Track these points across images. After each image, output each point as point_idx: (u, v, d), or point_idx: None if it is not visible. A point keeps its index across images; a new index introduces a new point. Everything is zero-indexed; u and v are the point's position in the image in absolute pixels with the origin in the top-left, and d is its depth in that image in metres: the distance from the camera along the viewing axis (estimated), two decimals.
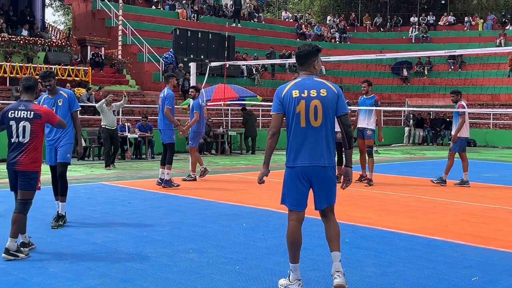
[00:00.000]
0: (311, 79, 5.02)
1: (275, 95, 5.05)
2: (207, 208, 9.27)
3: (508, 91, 30.17)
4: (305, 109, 4.89)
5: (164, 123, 11.54)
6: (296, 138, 4.95)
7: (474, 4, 43.96)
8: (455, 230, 7.69)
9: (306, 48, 5.11)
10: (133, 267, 5.71)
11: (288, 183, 5.03)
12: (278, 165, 17.20)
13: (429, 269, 5.80)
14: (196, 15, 32.09)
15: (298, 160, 4.94)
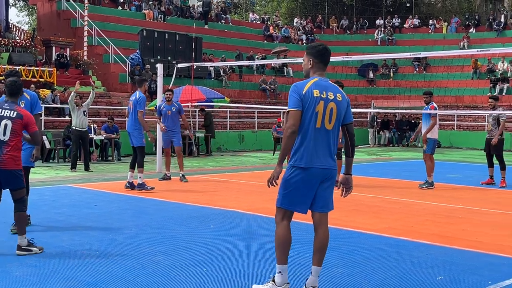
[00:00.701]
0: (327, 81, 4.95)
1: (294, 91, 4.82)
2: (174, 210, 9.23)
3: (472, 93, 30.71)
4: (323, 110, 4.79)
5: (134, 126, 11.45)
6: (309, 138, 4.80)
7: (438, 7, 44.65)
8: (420, 230, 7.80)
9: (329, 49, 5.03)
10: (99, 270, 5.65)
11: (296, 183, 4.84)
12: (253, 166, 17.27)
13: (395, 269, 5.86)
14: (163, 16, 31.90)
15: (310, 161, 4.80)
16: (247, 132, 25.15)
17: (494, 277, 5.61)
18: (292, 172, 4.85)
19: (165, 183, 12.61)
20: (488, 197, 11.22)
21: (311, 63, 4.99)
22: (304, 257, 6.04)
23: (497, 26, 36.04)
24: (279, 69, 32.70)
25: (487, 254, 6.54)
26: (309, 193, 4.88)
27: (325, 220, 5.01)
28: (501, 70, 31.72)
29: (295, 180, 4.84)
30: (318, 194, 4.91)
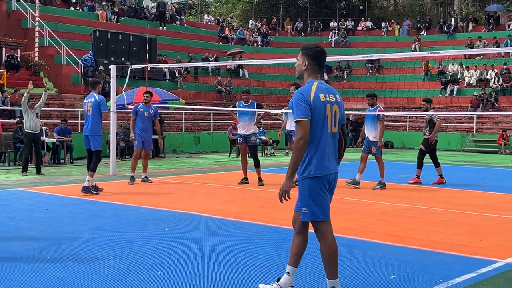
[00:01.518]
0: (324, 84, 4.85)
1: (301, 99, 4.62)
2: (128, 213, 9.12)
3: (423, 94, 31.29)
4: (331, 115, 4.69)
5: (93, 129, 11.29)
6: (323, 144, 4.65)
7: (390, 10, 45.37)
8: (374, 230, 7.90)
9: (324, 51, 4.89)
10: (52, 276, 5.53)
11: (319, 193, 4.70)
12: (208, 168, 17.22)
13: (350, 268, 5.92)
14: (116, 17, 31.52)
15: (326, 168, 4.67)
16: (202, 133, 25.06)
17: (445, 275, 5.72)
18: (313, 183, 4.68)
19: (119, 185, 12.44)
20: (438, 197, 11.45)
21: (306, 65, 4.84)
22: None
23: (448, 29, 36.88)
24: (235, 71, 32.71)
25: (438, 253, 6.66)
26: (328, 199, 4.80)
27: (331, 225, 4.90)
28: (452, 72, 32.45)
29: (313, 191, 4.70)
30: (329, 198, 4.86)
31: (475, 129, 27.81)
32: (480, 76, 31.05)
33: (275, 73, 34.39)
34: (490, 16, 36.89)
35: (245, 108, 12.99)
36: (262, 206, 10.00)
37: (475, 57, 33.08)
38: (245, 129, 12.94)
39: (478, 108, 28.05)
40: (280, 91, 32.76)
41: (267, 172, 15.09)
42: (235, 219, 8.60)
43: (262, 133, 22.63)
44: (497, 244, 7.13)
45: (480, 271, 5.86)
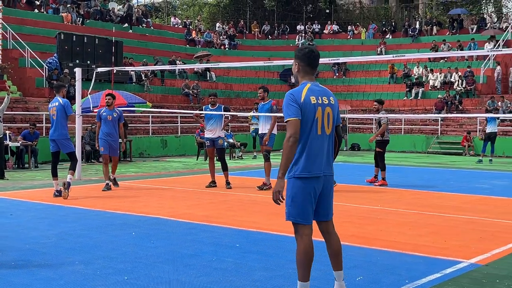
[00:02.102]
0: (318, 86, 4.83)
1: (291, 100, 4.64)
2: (94, 218, 9.02)
3: (389, 97, 31.69)
4: (322, 116, 4.69)
5: (61, 133, 11.16)
6: (312, 146, 4.66)
7: (356, 14, 45.81)
8: (340, 232, 7.87)
9: (317, 52, 4.90)
10: (16, 283, 5.44)
11: (302, 195, 4.66)
12: (176, 171, 17.12)
13: (317, 271, 5.94)
14: (81, 19, 31.17)
15: (314, 170, 4.66)
16: (170, 137, 24.93)
17: (411, 276, 5.80)
18: (298, 183, 4.67)
19: (84, 190, 12.29)
20: (404, 198, 11.59)
21: (297, 67, 4.85)
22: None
23: (412, 32, 37.39)
24: (202, 74, 32.64)
25: (404, 254, 6.75)
26: (313, 202, 4.73)
27: (332, 226, 4.94)
28: (417, 75, 32.91)
29: (298, 191, 4.67)
30: (322, 202, 4.79)
31: (439, 131, 28.24)
32: (444, 79, 31.55)
33: (243, 76, 34.39)
34: (454, 19, 37.55)
35: (212, 112, 12.98)
36: (229, 209, 10.00)
37: (440, 60, 33.60)
38: (213, 133, 12.92)
39: (442, 110, 28.50)
40: (247, 94, 32.78)
41: (235, 175, 15.09)
42: (202, 223, 8.58)
43: (230, 136, 22.63)
44: (461, 245, 7.26)
45: (445, 272, 5.95)
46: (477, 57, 32.67)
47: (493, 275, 5.86)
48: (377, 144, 13.80)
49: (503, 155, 24.81)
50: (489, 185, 14.07)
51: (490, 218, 9.25)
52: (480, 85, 30.96)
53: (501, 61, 31.38)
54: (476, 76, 31.00)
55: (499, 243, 7.34)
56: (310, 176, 4.65)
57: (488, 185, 13.96)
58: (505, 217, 9.37)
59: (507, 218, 9.23)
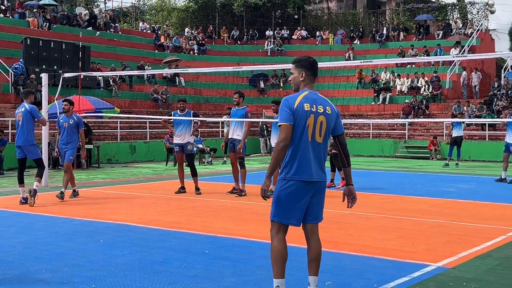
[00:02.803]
0: (316, 95, 5.03)
1: (285, 105, 4.89)
2: (62, 225, 8.90)
3: (357, 102, 31.97)
4: (313, 124, 4.88)
5: (26, 139, 10.98)
6: (301, 151, 4.87)
7: (324, 19, 46.11)
8: None
9: (316, 60, 5.13)
10: None
11: (286, 196, 4.89)
12: (145, 177, 16.98)
13: (287, 276, 5.95)
14: (48, 24, 30.79)
15: (303, 174, 4.87)
16: (138, 142, 24.75)
17: (380, 280, 5.85)
18: (284, 184, 4.90)
19: (51, 197, 12.10)
20: (372, 202, 11.69)
21: (303, 76, 5.06)
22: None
23: (380, 38, 37.81)
24: (171, 79, 32.50)
25: (373, 258, 6.80)
26: (301, 206, 4.93)
27: (316, 230, 5.11)
28: (384, 80, 33.26)
29: (288, 193, 4.89)
30: (311, 206, 4.99)
31: (407, 136, 28.58)
32: (411, 84, 31.96)
33: (212, 81, 34.35)
34: (420, 25, 38.07)
35: (181, 117, 12.93)
36: (199, 215, 9.96)
37: (406, 65, 34.04)
38: (182, 138, 12.87)
39: (409, 115, 28.85)
40: (217, 99, 32.75)
41: (204, 181, 15.04)
42: (172, 229, 8.53)
43: (199, 141, 22.56)
44: (428, 248, 7.34)
45: (413, 275, 6.02)
46: (443, 62, 33.19)
47: (460, 278, 5.94)
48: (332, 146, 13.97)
49: (469, 158, 25.22)
50: (455, 188, 14.28)
51: (457, 221, 9.39)
52: (446, 90, 31.45)
53: (466, 66, 31.91)
54: (442, 81, 31.49)
55: (466, 246, 7.45)
56: (298, 179, 4.87)
57: (454, 189, 14.17)
58: (471, 220, 9.52)
59: (473, 222, 9.38)
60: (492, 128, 26.52)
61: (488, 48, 36.09)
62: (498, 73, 35.55)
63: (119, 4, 46.90)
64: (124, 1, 66.96)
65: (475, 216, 10.04)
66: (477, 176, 18.23)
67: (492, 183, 15.60)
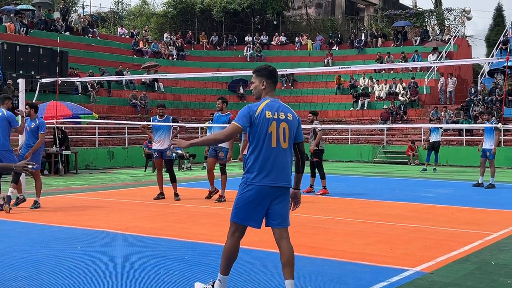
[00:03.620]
0: (278, 102, 5.20)
1: (246, 110, 5.07)
2: (39, 232, 8.79)
3: (335, 107, 32.14)
4: (276, 131, 5.05)
5: (2, 144, 10.82)
6: (265, 157, 5.03)
7: (303, 25, 46.30)
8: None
9: (275, 69, 5.29)
10: None
11: (248, 199, 5.04)
12: (123, 183, 16.87)
13: (265, 282, 5.96)
14: (25, 29, 30.51)
15: (266, 179, 5.01)
16: (117, 148, 24.60)
17: (358, 285, 5.87)
18: (244, 188, 5.07)
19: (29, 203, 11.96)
20: (351, 207, 11.75)
21: (264, 84, 5.23)
22: None
23: (358, 44, 38.07)
24: (150, 84, 32.37)
25: (351, 263, 6.82)
26: (260, 209, 5.08)
27: (286, 234, 5.19)
28: (363, 86, 33.47)
29: (247, 196, 5.04)
30: (274, 211, 5.11)
31: (385, 141, 28.78)
32: (390, 90, 32.21)
33: (191, 86, 34.31)
34: (398, 32, 38.40)
35: (160, 123, 12.87)
36: (178, 221, 9.92)
37: (382, 71, 34.28)
38: (161, 144, 12.81)
39: (388, 120, 29.05)
40: (196, 105, 32.69)
41: (183, 187, 14.99)
42: (150, 236, 8.48)
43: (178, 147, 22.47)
44: (407, 253, 7.39)
45: (391, 280, 6.04)
46: (421, 68, 33.53)
47: (438, 283, 5.98)
48: (313, 153, 14.05)
49: (447, 164, 25.46)
50: (433, 193, 14.40)
51: (435, 226, 9.46)
52: (423, 95, 31.75)
53: (444, 72, 32.25)
54: (420, 87, 31.78)
55: (444, 250, 7.51)
56: (259, 185, 5.01)
57: (432, 194, 14.28)
58: (449, 225, 9.59)
59: (451, 226, 9.45)
60: (469, 134, 26.81)
61: (465, 54, 36.54)
62: (475, 79, 36.00)
63: (97, 9, 46.67)
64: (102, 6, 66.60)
65: (453, 220, 10.12)
66: (454, 181, 18.40)
67: (470, 188, 15.76)
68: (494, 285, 5.94)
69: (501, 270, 6.57)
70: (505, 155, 24.45)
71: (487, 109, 25.27)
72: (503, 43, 33.99)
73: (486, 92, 29.20)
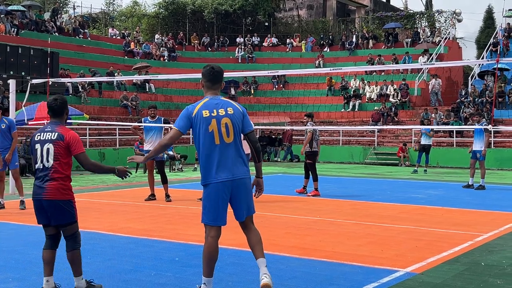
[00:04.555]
0: (218, 99, 5.30)
1: (184, 113, 5.23)
2: (30, 234, 8.76)
3: (327, 109, 32.18)
4: (218, 128, 5.14)
5: None
6: (211, 155, 5.15)
7: (295, 27, 46.36)
8: (281, 243, 8.00)
9: (218, 69, 5.41)
10: None
11: (209, 199, 5.18)
12: (114, 184, 16.81)
13: (255, 282, 5.93)
14: (16, 30, 30.40)
15: (218, 176, 5.14)
16: (108, 149, 24.53)
17: (350, 286, 5.88)
18: (205, 190, 5.22)
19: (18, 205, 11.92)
20: (342, 209, 11.77)
21: (203, 84, 5.44)
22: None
23: (349, 46, 38.15)
24: (141, 85, 32.31)
25: (342, 264, 6.84)
26: (222, 206, 5.21)
27: (250, 223, 5.41)
28: (354, 87, 33.55)
29: (209, 196, 5.19)
30: (236, 204, 5.28)
31: (376, 142, 28.84)
32: (381, 91, 32.30)
33: (182, 87, 34.26)
34: (389, 33, 38.52)
35: (152, 124, 12.85)
36: (169, 223, 9.91)
37: (373, 72, 34.37)
38: (152, 145, 12.78)
39: (379, 122, 29.13)
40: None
41: (174, 188, 14.97)
42: (142, 237, 8.46)
43: (169, 148, 22.46)
44: (398, 254, 7.42)
45: (382, 281, 6.07)
46: (412, 70, 33.62)
47: (428, 283, 6.01)
48: (307, 155, 14.06)
49: (437, 165, 25.56)
50: (424, 195, 14.45)
51: (426, 227, 9.49)
52: (414, 97, 31.86)
53: (434, 74, 32.36)
54: (410, 88, 31.89)
55: (434, 251, 7.54)
56: (214, 182, 5.16)
57: (423, 195, 14.33)
58: (439, 226, 9.63)
59: (441, 227, 9.50)
60: (459, 135, 26.93)
61: (456, 56, 36.69)
62: (465, 80, 36.15)
63: (88, 10, 46.54)
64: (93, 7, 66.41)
65: (443, 222, 10.16)
66: (445, 182, 18.48)
67: (460, 189, 15.82)
68: (484, 286, 5.98)
69: (491, 271, 6.61)
70: (495, 157, 24.58)
71: (477, 111, 25.40)
72: (493, 45, 34.17)
73: (477, 94, 29.33)
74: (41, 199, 5.44)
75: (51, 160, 5.46)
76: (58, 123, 5.65)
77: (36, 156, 5.49)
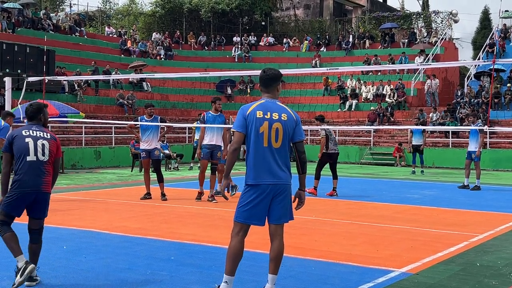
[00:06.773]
0: (274, 103, 5.37)
1: (240, 113, 5.28)
2: (24, 231, 8.71)
3: (323, 109, 32.14)
4: (268, 130, 5.19)
5: None
6: (258, 156, 5.19)
7: (291, 27, 46.36)
8: None
9: (273, 72, 5.46)
10: None
11: (246, 199, 5.19)
12: (110, 183, 16.79)
13: (252, 282, 5.96)
14: (12, 27, 30.31)
15: (261, 178, 5.16)
16: (103, 148, 24.49)
17: (345, 286, 5.89)
18: (245, 188, 5.24)
19: None
20: (338, 208, 11.78)
21: (260, 88, 5.54)
22: None
23: (346, 46, 38.16)
24: (137, 84, 32.26)
25: (338, 264, 6.85)
26: (262, 208, 5.20)
27: (280, 231, 5.32)
28: (350, 87, 33.57)
29: (248, 196, 5.19)
30: (273, 208, 5.24)
31: (372, 142, 28.87)
32: (377, 92, 32.33)
33: (179, 86, 34.23)
34: (386, 34, 38.55)
35: (148, 123, 12.83)
36: (165, 222, 9.90)
37: (370, 72, 34.39)
38: (149, 144, 12.77)
39: (375, 122, 29.16)
40: (184, 105, 32.62)
41: (170, 187, 14.96)
42: (137, 236, 8.45)
43: (165, 147, 22.43)
44: (393, 254, 7.42)
45: (377, 281, 6.07)
46: (408, 70, 33.66)
47: (423, 284, 6.02)
48: (323, 156, 14.23)
49: (433, 165, 25.59)
50: (419, 195, 14.48)
51: (421, 227, 9.51)
52: (410, 97, 31.89)
53: (430, 74, 32.42)
54: (406, 89, 31.92)
55: (429, 252, 7.55)
56: (256, 183, 5.17)
57: (418, 195, 14.36)
58: (434, 226, 9.65)
59: (436, 228, 9.51)
60: (455, 136, 26.97)
61: (452, 56, 36.75)
62: (461, 81, 36.22)
63: (85, 8, 46.46)
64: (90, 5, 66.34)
65: (438, 222, 10.18)
66: (440, 182, 18.51)
67: (455, 190, 15.86)
68: (479, 286, 5.99)
69: (486, 271, 6.62)
70: (490, 157, 24.63)
71: (473, 112, 25.43)
72: (489, 46, 34.24)
73: (473, 94, 29.39)
74: (40, 191, 5.95)
75: (47, 155, 5.89)
76: (40, 125, 6.08)
77: (25, 149, 5.82)
